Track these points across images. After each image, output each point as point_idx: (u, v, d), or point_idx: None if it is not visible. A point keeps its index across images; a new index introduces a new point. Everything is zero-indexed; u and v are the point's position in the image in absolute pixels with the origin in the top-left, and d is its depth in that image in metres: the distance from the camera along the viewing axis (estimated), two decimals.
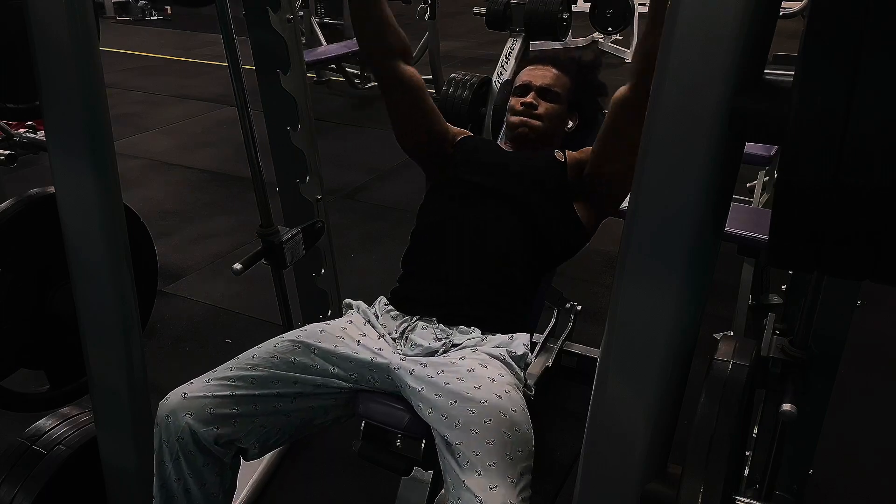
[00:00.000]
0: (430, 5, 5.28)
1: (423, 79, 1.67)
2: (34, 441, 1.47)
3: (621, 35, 6.72)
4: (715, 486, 0.84)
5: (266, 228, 1.88)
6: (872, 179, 0.65)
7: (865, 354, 2.42)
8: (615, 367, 0.91)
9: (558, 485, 1.94)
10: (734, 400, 0.88)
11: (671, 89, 0.79)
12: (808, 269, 0.77)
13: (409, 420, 1.35)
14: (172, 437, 1.28)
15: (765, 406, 1.65)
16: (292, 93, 1.94)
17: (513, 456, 1.21)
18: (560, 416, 2.18)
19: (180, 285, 3.05)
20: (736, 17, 0.74)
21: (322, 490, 1.99)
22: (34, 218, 1.47)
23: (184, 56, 6.83)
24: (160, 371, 2.39)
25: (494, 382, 1.30)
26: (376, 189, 4.00)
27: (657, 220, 0.83)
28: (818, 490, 1.84)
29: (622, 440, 0.92)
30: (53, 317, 1.52)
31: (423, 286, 1.52)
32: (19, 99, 1.65)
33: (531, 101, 1.70)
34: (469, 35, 7.33)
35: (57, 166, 1.23)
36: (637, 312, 0.88)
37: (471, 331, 1.44)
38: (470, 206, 1.58)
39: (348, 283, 2.34)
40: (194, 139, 4.91)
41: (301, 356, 1.38)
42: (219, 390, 1.31)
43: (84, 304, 1.31)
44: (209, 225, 3.61)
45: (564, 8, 3.21)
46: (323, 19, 6.21)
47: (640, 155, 0.83)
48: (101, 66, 1.20)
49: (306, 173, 2.06)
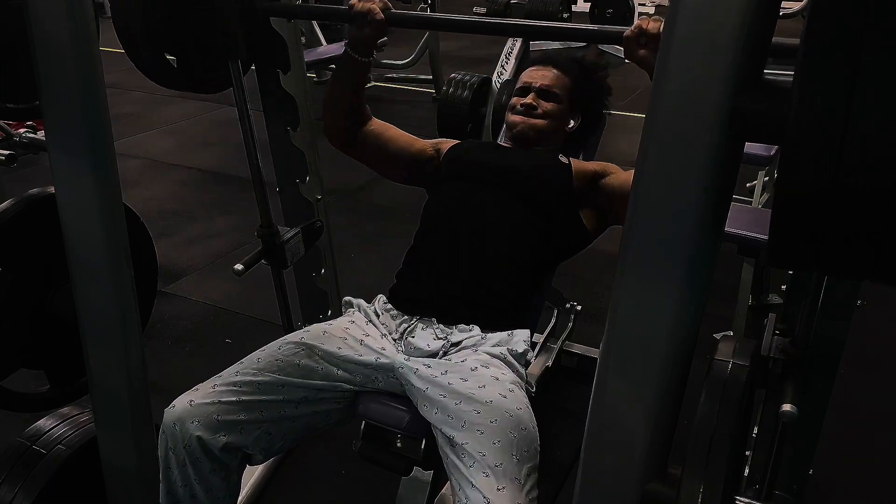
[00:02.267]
0: (429, 5, 5.28)
1: (423, 79, 1.68)
2: (34, 441, 1.47)
3: None
4: (715, 486, 0.84)
5: (266, 228, 1.88)
6: (872, 179, 0.65)
7: (865, 354, 2.42)
8: (615, 367, 0.91)
9: (558, 485, 1.94)
10: (734, 400, 0.88)
11: (671, 89, 0.79)
12: (808, 269, 0.77)
13: (409, 420, 1.35)
14: (179, 444, 1.28)
15: (765, 406, 1.65)
16: (292, 93, 1.94)
17: (519, 456, 1.22)
18: (560, 416, 2.18)
19: (180, 285, 3.05)
20: (736, 18, 0.74)
21: (322, 490, 1.99)
22: (34, 218, 1.47)
23: None
24: (160, 371, 2.39)
25: (498, 381, 1.30)
26: (376, 189, 4.00)
27: (657, 219, 0.83)
28: (818, 490, 1.84)
29: (622, 440, 0.92)
30: (53, 317, 1.51)
31: (423, 285, 1.52)
32: (19, 99, 1.65)
33: (531, 103, 1.71)
34: (469, 35, 7.32)
35: (57, 166, 1.23)
36: (637, 312, 0.88)
37: (470, 329, 1.44)
38: (472, 205, 1.58)
39: (348, 283, 2.34)
40: (194, 139, 4.91)
41: (305, 359, 1.38)
42: (225, 396, 1.31)
43: (84, 304, 1.31)
44: (209, 225, 3.61)
45: (564, 8, 3.21)
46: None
47: (640, 155, 0.83)
48: (101, 66, 1.20)
49: (306, 173, 2.06)
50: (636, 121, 4.39)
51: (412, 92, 5.53)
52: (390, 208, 3.73)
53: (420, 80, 5.68)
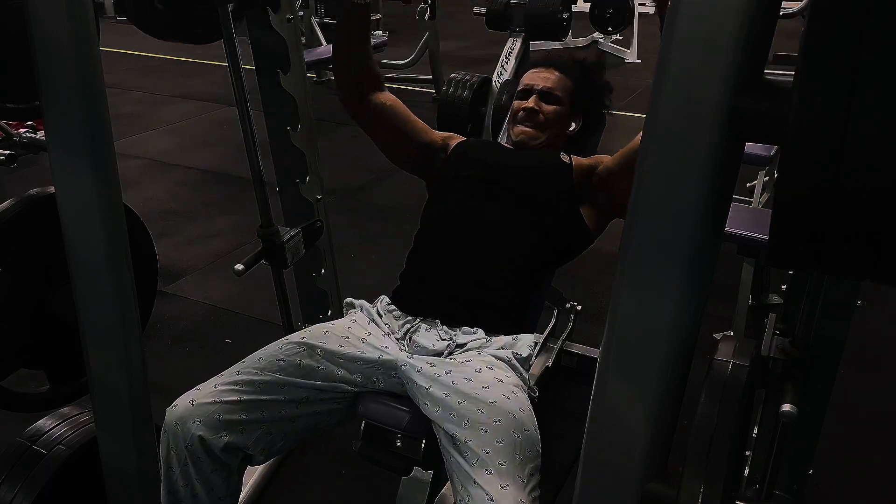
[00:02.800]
0: (430, 5, 5.27)
1: (423, 79, 1.68)
2: (34, 441, 1.47)
3: (621, 35, 6.72)
4: (715, 486, 0.84)
5: (266, 228, 1.88)
6: (872, 179, 0.65)
7: (865, 354, 2.42)
8: (615, 367, 0.91)
9: (558, 485, 1.94)
10: (734, 400, 0.88)
11: (671, 89, 0.79)
12: (808, 269, 0.77)
13: (409, 420, 1.35)
14: (181, 444, 1.28)
15: (765, 406, 1.65)
16: (292, 93, 1.94)
17: (522, 456, 1.22)
18: (560, 416, 2.18)
19: (180, 285, 3.05)
20: (736, 18, 0.74)
21: (322, 490, 1.99)
22: (34, 218, 1.47)
23: (184, 56, 6.82)
24: (160, 371, 2.39)
25: (502, 383, 1.30)
26: (376, 189, 4.00)
27: (657, 219, 0.83)
28: (818, 490, 1.84)
29: (622, 440, 0.92)
30: (53, 317, 1.51)
31: (426, 287, 1.52)
32: (19, 99, 1.65)
33: (533, 107, 1.70)
34: (469, 35, 7.32)
35: (57, 166, 1.23)
36: (637, 312, 0.88)
37: (474, 331, 1.44)
38: (472, 205, 1.58)
39: (348, 283, 2.34)
40: (194, 139, 4.91)
41: (307, 359, 1.38)
42: (227, 396, 1.31)
43: (84, 304, 1.31)
44: (209, 225, 3.60)
45: (564, 8, 3.21)
46: (323, 19, 6.20)
47: (640, 155, 0.83)
48: (101, 66, 1.20)
49: (306, 173, 2.06)
50: (636, 121, 4.39)
51: (412, 92, 5.52)
52: (390, 208, 3.73)
53: (420, 80, 5.68)
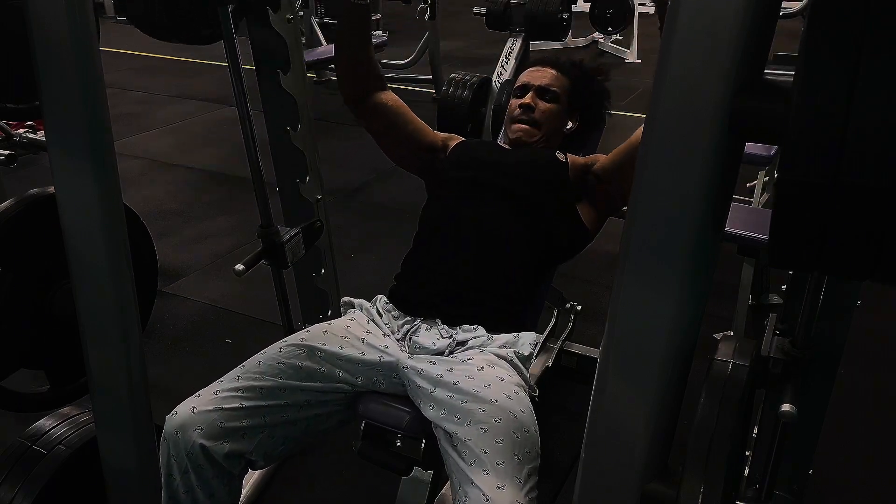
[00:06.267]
0: (430, 5, 5.27)
1: (423, 79, 1.68)
2: (34, 441, 1.47)
3: (621, 35, 6.72)
4: (715, 486, 0.84)
5: (266, 228, 1.88)
6: (872, 179, 0.65)
7: (865, 354, 2.42)
8: (615, 367, 0.91)
9: (558, 485, 1.94)
10: (734, 400, 0.88)
11: (671, 89, 0.79)
12: (808, 269, 0.77)
13: (409, 420, 1.35)
14: (182, 452, 1.27)
15: (765, 406, 1.65)
16: (292, 93, 1.94)
17: (521, 456, 1.22)
18: (560, 416, 2.18)
19: (180, 285, 3.05)
20: (736, 17, 0.74)
21: (322, 490, 1.99)
22: (34, 218, 1.47)
23: (184, 56, 6.81)
24: (160, 371, 2.39)
25: (504, 382, 1.30)
26: (376, 189, 4.00)
27: (657, 219, 0.83)
28: (818, 490, 1.84)
29: (622, 440, 0.92)
30: (53, 317, 1.51)
31: (425, 287, 1.52)
32: (19, 99, 1.65)
33: (529, 103, 1.71)
34: (469, 35, 7.32)
35: (57, 166, 1.23)
36: (637, 312, 0.88)
37: (475, 329, 1.44)
38: (470, 205, 1.58)
39: (348, 283, 2.34)
40: (194, 139, 4.91)
41: (307, 361, 1.37)
42: (228, 402, 1.30)
43: (84, 304, 1.31)
44: (209, 225, 3.60)
45: (564, 8, 3.22)
46: (323, 19, 6.20)
47: (640, 154, 0.83)
48: (101, 66, 1.20)
49: (306, 173, 2.06)
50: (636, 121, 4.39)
51: (412, 92, 5.52)
52: (390, 208, 3.72)
53: (420, 80, 5.68)
